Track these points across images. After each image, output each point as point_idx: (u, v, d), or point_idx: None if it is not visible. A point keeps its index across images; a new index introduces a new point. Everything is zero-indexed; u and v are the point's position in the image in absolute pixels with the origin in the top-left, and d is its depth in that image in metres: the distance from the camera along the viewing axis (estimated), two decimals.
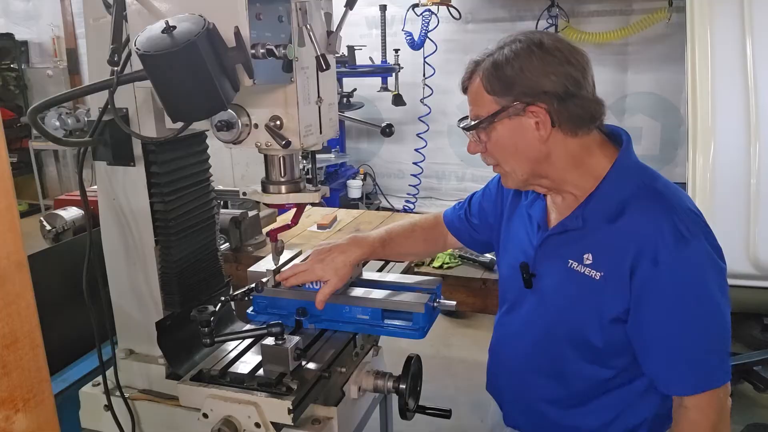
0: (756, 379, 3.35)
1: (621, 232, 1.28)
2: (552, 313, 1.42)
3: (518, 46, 1.27)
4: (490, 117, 1.30)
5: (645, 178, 1.33)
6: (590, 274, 1.32)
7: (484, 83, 1.30)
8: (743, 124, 3.41)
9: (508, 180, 1.40)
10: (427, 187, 6.63)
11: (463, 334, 4.53)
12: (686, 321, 1.26)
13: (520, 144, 1.31)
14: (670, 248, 1.23)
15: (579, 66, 1.28)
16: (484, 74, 1.30)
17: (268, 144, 1.36)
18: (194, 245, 1.69)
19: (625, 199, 1.30)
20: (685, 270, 1.24)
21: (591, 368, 1.40)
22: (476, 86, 1.32)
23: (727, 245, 1.33)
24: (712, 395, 1.28)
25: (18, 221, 0.90)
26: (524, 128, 1.29)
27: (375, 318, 1.61)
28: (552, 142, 1.30)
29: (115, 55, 1.28)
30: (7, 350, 0.88)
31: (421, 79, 5.84)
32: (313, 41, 1.30)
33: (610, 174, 1.33)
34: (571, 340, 1.39)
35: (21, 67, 7.90)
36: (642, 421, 1.43)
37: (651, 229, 1.25)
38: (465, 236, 1.76)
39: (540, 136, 1.29)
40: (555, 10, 5.53)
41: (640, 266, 1.25)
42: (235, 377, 1.47)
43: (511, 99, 1.27)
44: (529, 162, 1.33)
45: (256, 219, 3.03)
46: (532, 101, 1.26)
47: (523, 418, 1.57)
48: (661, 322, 1.27)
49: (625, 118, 5.82)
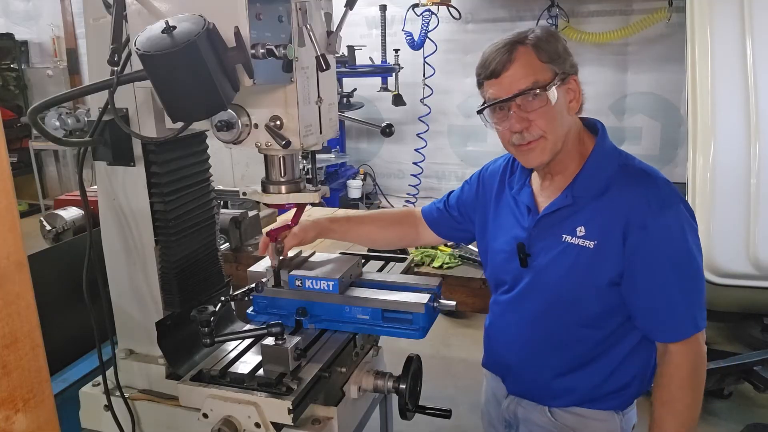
0: (756, 379, 3.35)
1: (610, 204, 1.44)
2: (550, 287, 1.53)
3: (542, 31, 1.45)
4: (551, 82, 1.41)
5: (622, 159, 1.50)
6: (584, 244, 1.46)
7: (539, 54, 1.42)
8: (743, 124, 3.41)
9: (544, 153, 1.47)
10: (427, 187, 6.62)
11: (463, 334, 4.53)
12: (673, 277, 1.43)
13: (563, 113, 1.45)
14: (656, 214, 1.40)
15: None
16: (538, 45, 1.42)
17: (268, 144, 1.36)
18: (194, 245, 1.69)
19: (608, 177, 1.46)
20: (669, 232, 1.41)
21: (586, 331, 1.53)
22: (525, 58, 1.42)
23: (727, 245, 1.40)
24: (693, 340, 1.45)
25: (18, 221, 0.90)
26: (566, 96, 1.45)
27: (375, 318, 1.61)
28: (573, 117, 1.49)
29: (115, 55, 1.28)
30: (7, 350, 0.88)
31: (421, 79, 5.83)
32: (313, 41, 1.30)
33: (592, 156, 1.50)
34: (569, 308, 1.52)
35: (21, 67, 7.90)
36: (632, 378, 1.57)
37: (637, 200, 1.42)
38: (444, 228, 1.89)
39: (572, 108, 1.46)
40: (555, 10, 5.53)
41: (631, 233, 1.41)
42: (235, 377, 1.47)
43: (563, 68, 1.43)
44: (564, 132, 1.47)
45: (256, 219, 3.03)
46: (572, 71, 1.45)
47: (526, 386, 1.66)
48: (652, 279, 1.43)
49: (625, 118, 5.82)
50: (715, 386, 3.44)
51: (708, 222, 3.39)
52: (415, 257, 2.66)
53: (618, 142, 1.53)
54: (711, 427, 3.38)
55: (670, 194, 1.44)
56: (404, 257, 2.12)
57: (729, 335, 4.24)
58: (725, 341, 4.17)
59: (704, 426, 3.38)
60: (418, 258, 2.71)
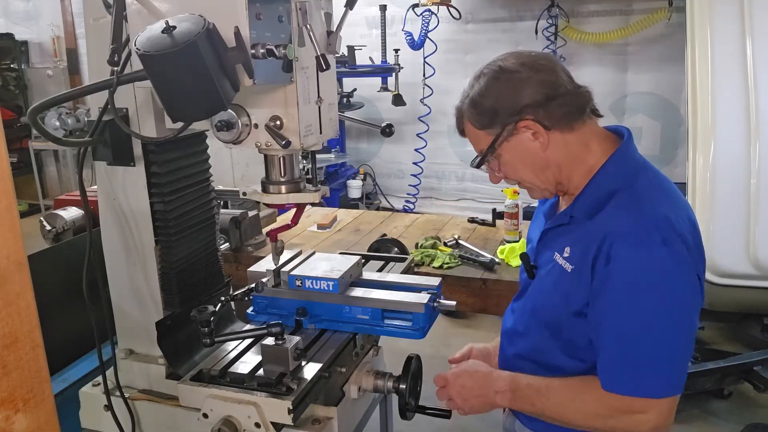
0: (756, 379, 3.34)
1: (594, 228, 1.31)
2: (539, 303, 1.46)
3: (484, 80, 1.36)
4: (489, 148, 1.38)
5: (632, 176, 1.35)
6: (565, 266, 1.37)
7: (472, 122, 1.39)
8: (743, 124, 3.41)
9: (534, 193, 1.47)
10: (427, 187, 6.63)
11: (463, 334, 4.53)
12: (631, 324, 1.27)
13: (527, 158, 1.38)
14: (625, 249, 1.24)
15: (547, 69, 1.34)
16: (469, 115, 1.39)
17: (268, 144, 1.36)
18: (194, 245, 1.69)
19: (607, 195, 1.33)
20: (637, 274, 1.24)
21: (569, 361, 1.41)
22: (469, 129, 1.42)
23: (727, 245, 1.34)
24: (649, 403, 1.27)
25: (18, 221, 0.90)
26: (523, 143, 1.36)
27: (375, 318, 1.61)
28: (553, 145, 1.35)
29: (115, 55, 1.28)
30: (7, 350, 0.88)
31: (421, 79, 5.84)
32: (313, 41, 1.30)
33: (599, 173, 1.37)
34: (553, 332, 1.42)
35: (21, 67, 7.90)
36: None
37: (613, 227, 1.27)
38: None
39: (540, 144, 1.35)
40: (555, 10, 5.54)
41: (598, 262, 1.28)
42: (235, 377, 1.47)
43: (500, 126, 1.35)
44: (542, 171, 1.39)
45: (256, 219, 3.03)
46: (519, 118, 1.33)
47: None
48: (607, 320, 1.29)
49: (625, 118, 5.82)
50: (715, 386, 3.44)
51: (708, 222, 3.39)
52: (415, 257, 2.66)
53: None
54: (711, 427, 3.38)
55: (660, 231, 1.24)
56: (404, 257, 2.12)
57: (729, 335, 4.24)
58: (725, 341, 4.17)
59: (704, 426, 3.38)
60: (418, 258, 2.71)
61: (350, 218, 3.53)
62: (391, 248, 2.72)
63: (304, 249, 1.85)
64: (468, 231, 3.21)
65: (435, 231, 3.21)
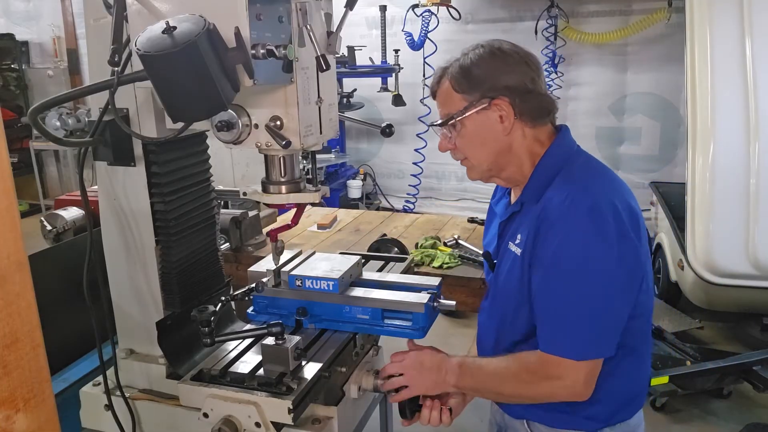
0: (755, 379, 3.35)
1: (536, 209, 1.40)
2: (500, 295, 1.53)
3: (481, 50, 1.44)
4: (460, 112, 1.43)
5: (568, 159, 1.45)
6: (516, 251, 1.45)
7: (453, 84, 1.44)
8: (743, 124, 3.41)
9: (473, 172, 1.54)
10: (427, 187, 6.63)
11: (463, 334, 4.53)
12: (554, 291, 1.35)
13: (487, 136, 1.44)
14: (549, 222, 1.34)
15: (534, 66, 1.44)
16: (453, 76, 1.44)
17: (268, 144, 1.36)
18: (194, 245, 1.69)
19: (550, 178, 1.42)
20: (561, 243, 1.32)
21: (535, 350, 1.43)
22: (445, 88, 1.46)
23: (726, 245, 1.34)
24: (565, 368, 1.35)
25: (18, 221, 0.90)
26: (490, 121, 1.42)
27: (375, 318, 1.61)
28: (513, 133, 1.44)
29: (115, 56, 1.28)
30: (8, 350, 0.88)
31: (421, 79, 5.83)
32: (313, 41, 1.30)
33: (540, 162, 1.46)
34: (514, 322, 1.48)
35: (21, 67, 7.90)
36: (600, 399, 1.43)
37: (545, 203, 1.37)
38: None
39: (504, 128, 1.42)
40: (555, 10, 5.54)
41: (535, 240, 1.37)
42: (236, 377, 1.48)
43: (478, 95, 1.41)
44: (494, 154, 1.46)
45: (256, 219, 3.03)
46: (496, 95, 1.40)
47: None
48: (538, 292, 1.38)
49: (625, 118, 5.82)
50: (714, 386, 3.45)
51: (708, 222, 3.40)
52: (415, 257, 2.66)
53: (618, 143, 1.52)
54: (711, 427, 3.38)
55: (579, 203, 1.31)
56: (404, 257, 2.12)
57: (729, 335, 4.24)
58: (725, 341, 4.18)
59: (704, 426, 3.38)
60: (418, 258, 2.71)
61: (350, 218, 3.53)
62: (391, 248, 2.72)
63: (304, 249, 1.86)
64: (468, 231, 3.21)
65: (435, 231, 3.21)
